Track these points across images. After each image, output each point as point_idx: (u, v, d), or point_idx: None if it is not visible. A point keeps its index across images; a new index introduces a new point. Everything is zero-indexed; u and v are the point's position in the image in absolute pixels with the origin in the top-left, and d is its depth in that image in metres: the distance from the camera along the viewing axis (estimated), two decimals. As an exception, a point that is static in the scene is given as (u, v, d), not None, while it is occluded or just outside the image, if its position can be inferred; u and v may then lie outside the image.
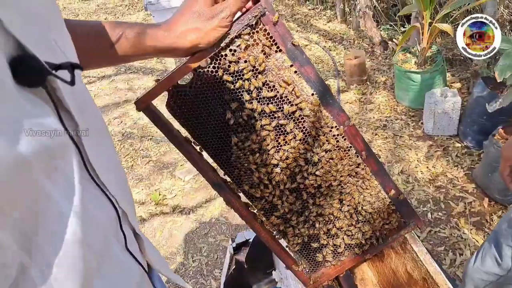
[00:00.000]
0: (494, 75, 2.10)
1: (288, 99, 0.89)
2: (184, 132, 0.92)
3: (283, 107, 0.90)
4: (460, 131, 2.99)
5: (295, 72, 0.87)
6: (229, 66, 0.83)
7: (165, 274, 0.82)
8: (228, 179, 1.00)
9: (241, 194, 1.02)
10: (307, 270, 1.12)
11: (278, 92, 0.88)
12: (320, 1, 5.69)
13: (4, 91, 0.34)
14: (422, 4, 3.11)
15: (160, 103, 0.84)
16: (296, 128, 0.93)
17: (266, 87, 0.87)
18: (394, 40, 4.40)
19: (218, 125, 0.89)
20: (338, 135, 0.96)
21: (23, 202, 0.37)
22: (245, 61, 0.83)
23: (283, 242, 1.11)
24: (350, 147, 0.99)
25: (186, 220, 2.75)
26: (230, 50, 0.82)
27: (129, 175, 3.24)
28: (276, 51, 0.85)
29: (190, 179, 3.07)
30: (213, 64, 0.82)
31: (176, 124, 0.90)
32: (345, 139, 0.97)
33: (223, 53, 0.82)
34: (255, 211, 1.03)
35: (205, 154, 0.95)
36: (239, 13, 0.81)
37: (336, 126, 0.95)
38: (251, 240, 1.55)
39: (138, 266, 0.63)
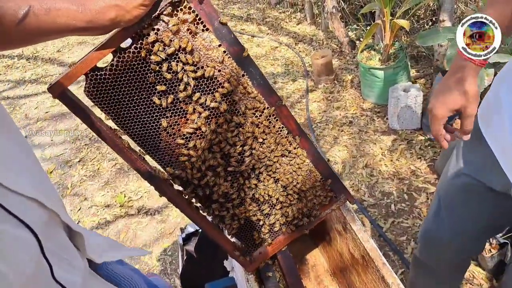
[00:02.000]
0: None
1: (218, 80, 0.87)
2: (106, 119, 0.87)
3: (213, 89, 0.88)
4: (423, 124, 3.03)
5: (224, 52, 0.85)
6: (152, 47, 0.80)
7: (114, 259, 0.78)
8: (158, 166, 0.96)
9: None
10: (246, 253, 1.12)
11: (207, 73, 0.85)
12: (290, 4, 5.75)
13: None
14: (382, 2, 3.16)
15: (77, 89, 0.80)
16: (228, 112, 0.91)
17: (193, 68, 0.84)
18: (361, 39, 4.46)
19: (143, 109, 0.85)
20: (270, 115, 0.96)
21: None
22: (170, 41, 0.80)
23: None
24: (282, 127, 0.99)
25: (151, 221, 2.71)
26: (153, 29, 0.79)
27: (95, 178, 3.20)
28: (203, 30, 0.83)
29: (156, 181, 3.03)
30: (135, 45, 0.78)
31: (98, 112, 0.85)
32: (277, 120, 0.97)
33: (145, 33, 0.78)
34: (189, 198, 1.01)
35: (132, 142, 0.90)
36: None
37: (267, 107, 0.94)
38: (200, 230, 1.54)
39: None
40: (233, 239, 1.10)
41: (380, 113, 3.35)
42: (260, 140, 0.96)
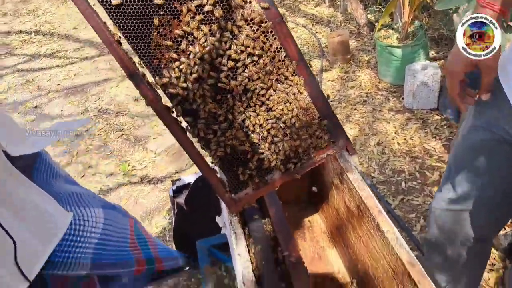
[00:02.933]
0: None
1: None
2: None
3: None
4: (440, 103, 2.90)
5: None
6: None
7: (36, 149, 0.74)
8: (148, 73, 0.89)
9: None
10: (232, 190, 1.03)
11: None
12: (309, -14, 5.62)
13: None
14: (402, -24, 3.03)
15: None
16: (223, 19, 0.85)
17: None
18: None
19: (136, 2, 0.81)
20: (267, 31, 0.89)
21: None
22: None
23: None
24: (280, 48, 0.91)
25: (154, 189, 2.66)
26: None
27: (101, 148, 3.16)
28: None
29: (161, 152, 2.98)
30: None
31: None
32: (275, 38, 0.90)
33: None
34: (176, 114, 0.93)
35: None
36: None
37: (266, 21, 0.88)
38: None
39: None
40: (219, 175, 1.02)
41: (396, 92, 3.23)
42: (255, 58, 0.89)
